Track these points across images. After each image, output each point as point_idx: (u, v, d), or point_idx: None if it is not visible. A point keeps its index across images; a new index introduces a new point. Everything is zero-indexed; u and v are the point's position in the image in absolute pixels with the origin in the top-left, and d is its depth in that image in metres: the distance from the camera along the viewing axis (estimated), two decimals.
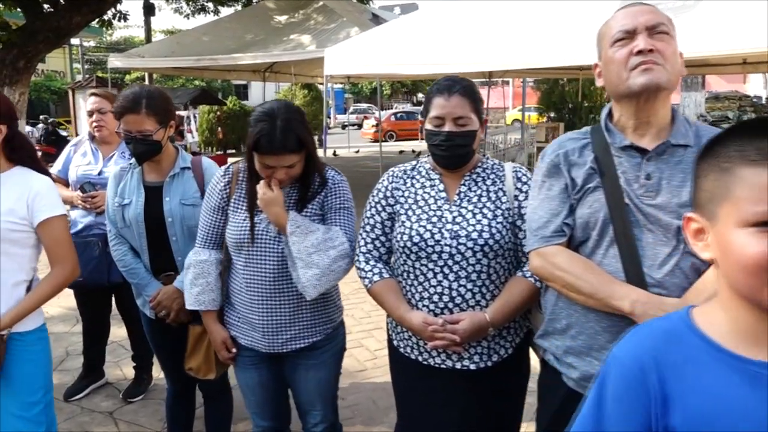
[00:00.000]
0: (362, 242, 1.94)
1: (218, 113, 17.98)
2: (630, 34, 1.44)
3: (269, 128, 1.82)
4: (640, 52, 1.41)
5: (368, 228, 1.93)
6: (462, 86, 1.79)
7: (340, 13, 10.66)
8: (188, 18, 18.15)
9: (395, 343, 1.95)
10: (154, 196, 2.34)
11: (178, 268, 2.37)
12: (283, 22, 11.06)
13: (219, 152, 16.70)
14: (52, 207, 1.98)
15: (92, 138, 3.30)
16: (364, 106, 35.03)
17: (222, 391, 2.61)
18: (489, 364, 1.81)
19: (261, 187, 1.90)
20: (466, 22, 7.23)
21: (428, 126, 1.81)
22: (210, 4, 17.83)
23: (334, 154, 18.46)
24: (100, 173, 3.20)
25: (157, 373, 3.77)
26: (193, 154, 2.86)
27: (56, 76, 27.78)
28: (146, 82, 17.18)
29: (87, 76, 22.41)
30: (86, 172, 3.21)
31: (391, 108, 35.48)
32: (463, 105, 1.78)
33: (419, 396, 1.89)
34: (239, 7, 16.98)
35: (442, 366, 1.82)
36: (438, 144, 1.79)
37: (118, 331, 3.91)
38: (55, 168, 3.34)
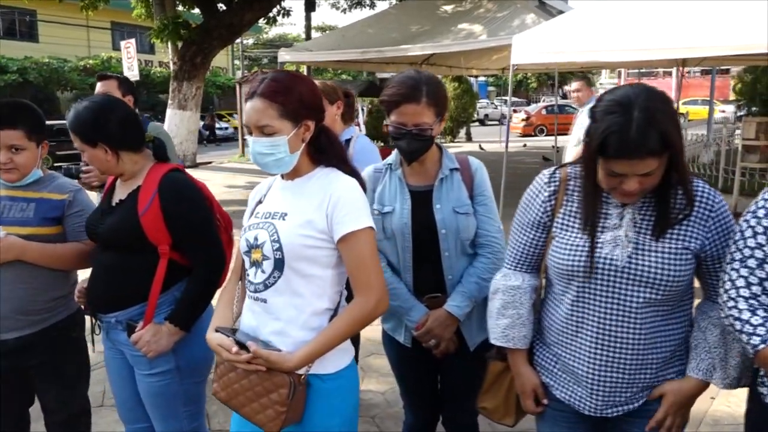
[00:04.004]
0: (741, 282, 1.40)
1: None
2: None
3: (623, 123, 1.34)
4: None
5: (752, 262, 1.39)
6: None
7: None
8: (345, 12, 18.52)
9: None
10: (420, 202, 1.98)
11: (447, 289, 1.99)
12: (449, 12, 10.67)
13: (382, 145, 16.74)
14: (356, 218, 1.55)
15: None
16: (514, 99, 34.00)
17: (472, 430, 2.22)
18: None
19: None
20: (659, 5, 6.36)
21: None
22: None
23: (480, 147, 17.85)
24: None
25: (361, 385, 3.51)
26: None
27: (220, 72, 29.78)
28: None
29: (254, 70, 23.70)
30: None
31: (539, 101, 34.06)
32: None
33: None
34: (395, 0, 16.95)
35: None
36: None
37: None
38: None
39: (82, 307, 2.13)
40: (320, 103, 1.64)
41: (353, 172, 1.67)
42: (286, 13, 15.55)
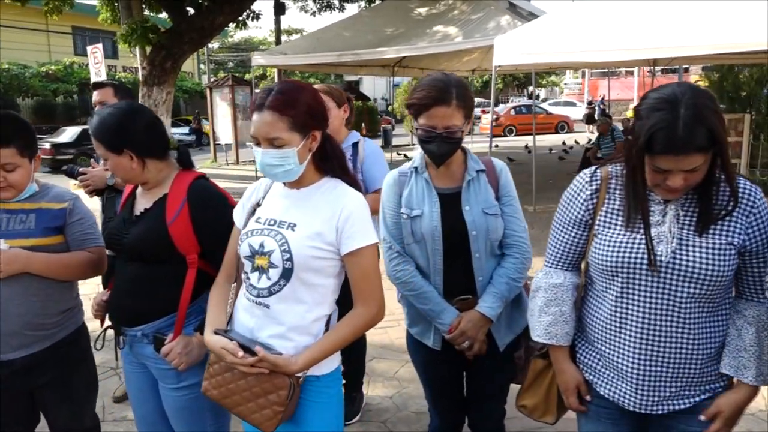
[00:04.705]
0: None
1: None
2: None
3: (670, 119, 1.36)
4: None
5: None
6: None
7: (483, 1, 10.14)
8: (314, 16, 18.42)
9: None
10: (449, 205, 1.97)
11: (477, 291, 1.99)
12: (424, 14, 10.72)
13: None
14: (365, 234, 1.63)
15: None
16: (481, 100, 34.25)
17: None
18: None
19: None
20: (637, 6, 6.52)
21: None
22: (335, 1, 17.94)
23: None
24: None
25: (367, 390, 3.49)
26: None
27: (186, 76, 29.30)
28: (275, 79, 17.51)
29: (220, 74, 23.35)
30: None
31: (507, 101, 34.51)
32: None
33: None
34: (363, 3, 16.93)
35: None
36: None
37: None
38: None
39: (100, 320, 2.07)
40: (325, 111, 1.68)
41: (354, 183, 1.73)
42: (256, 16, 15.37)
